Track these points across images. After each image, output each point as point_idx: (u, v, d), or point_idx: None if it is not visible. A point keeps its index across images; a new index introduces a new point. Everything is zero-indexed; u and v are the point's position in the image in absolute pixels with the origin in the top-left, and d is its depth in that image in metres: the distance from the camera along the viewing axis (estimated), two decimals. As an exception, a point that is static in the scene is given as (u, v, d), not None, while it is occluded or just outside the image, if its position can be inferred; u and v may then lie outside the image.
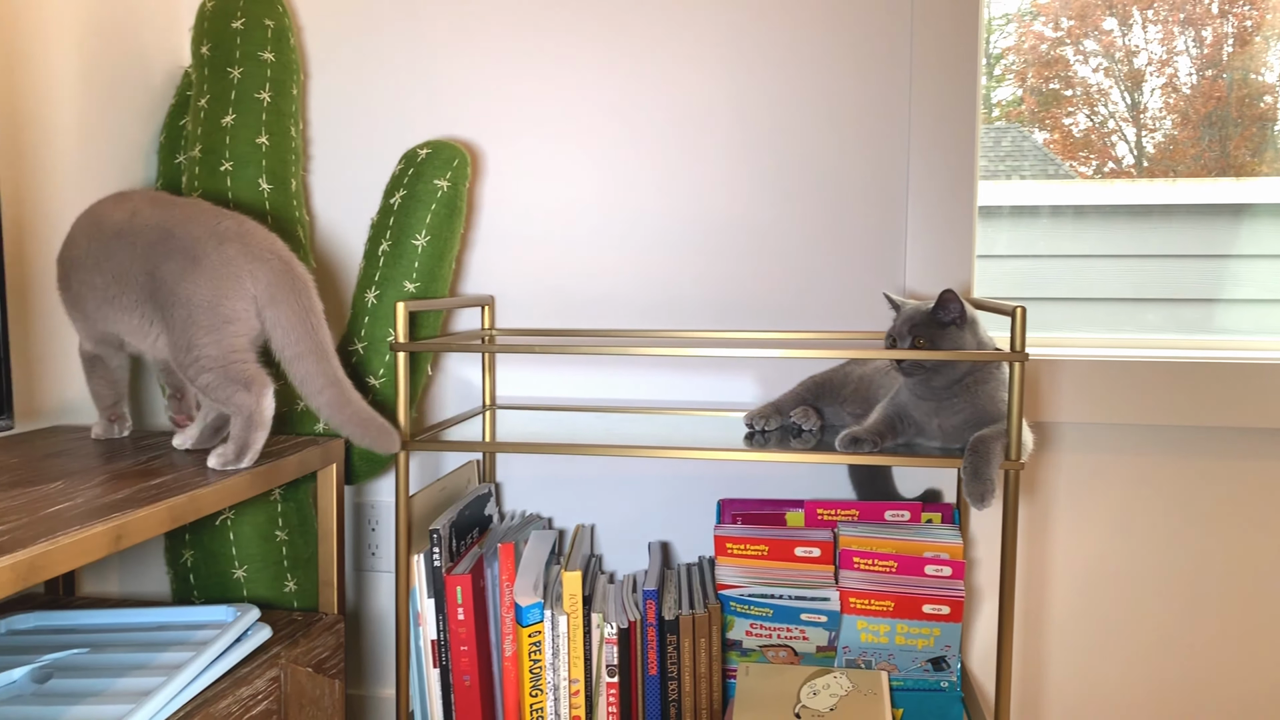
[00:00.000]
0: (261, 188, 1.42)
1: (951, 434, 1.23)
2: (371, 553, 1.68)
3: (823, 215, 1.53)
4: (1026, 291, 1.84)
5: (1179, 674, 1.52)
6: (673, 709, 1.31)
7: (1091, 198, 1.88)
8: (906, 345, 1.21)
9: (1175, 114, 1.80)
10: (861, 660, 1.34)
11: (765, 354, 1.17)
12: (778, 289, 1.55)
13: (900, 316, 1.25)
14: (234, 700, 1.02)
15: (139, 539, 0.91)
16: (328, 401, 1.15)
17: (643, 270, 1.58)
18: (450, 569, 1.31)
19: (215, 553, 1.37)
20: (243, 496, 1.09)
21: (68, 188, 1.41)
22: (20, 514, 0.90)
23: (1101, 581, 1.52)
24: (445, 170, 1.40)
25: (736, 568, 1.38)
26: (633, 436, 1.32)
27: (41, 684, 0.99)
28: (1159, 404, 1.46)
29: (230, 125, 1.41)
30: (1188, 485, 1.49)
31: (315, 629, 1.22)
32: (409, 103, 1.62)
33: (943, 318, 1.21)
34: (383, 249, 1.39)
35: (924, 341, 1.20)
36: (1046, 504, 1.53)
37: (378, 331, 1.38)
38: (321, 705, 1.21)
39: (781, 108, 1.53)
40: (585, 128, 1.58)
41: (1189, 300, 1.79)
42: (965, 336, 1.21)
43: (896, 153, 1.51)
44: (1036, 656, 1.55)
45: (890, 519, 1.42)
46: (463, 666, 1.32)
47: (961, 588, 1.31)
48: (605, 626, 1.31)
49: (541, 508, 1.64)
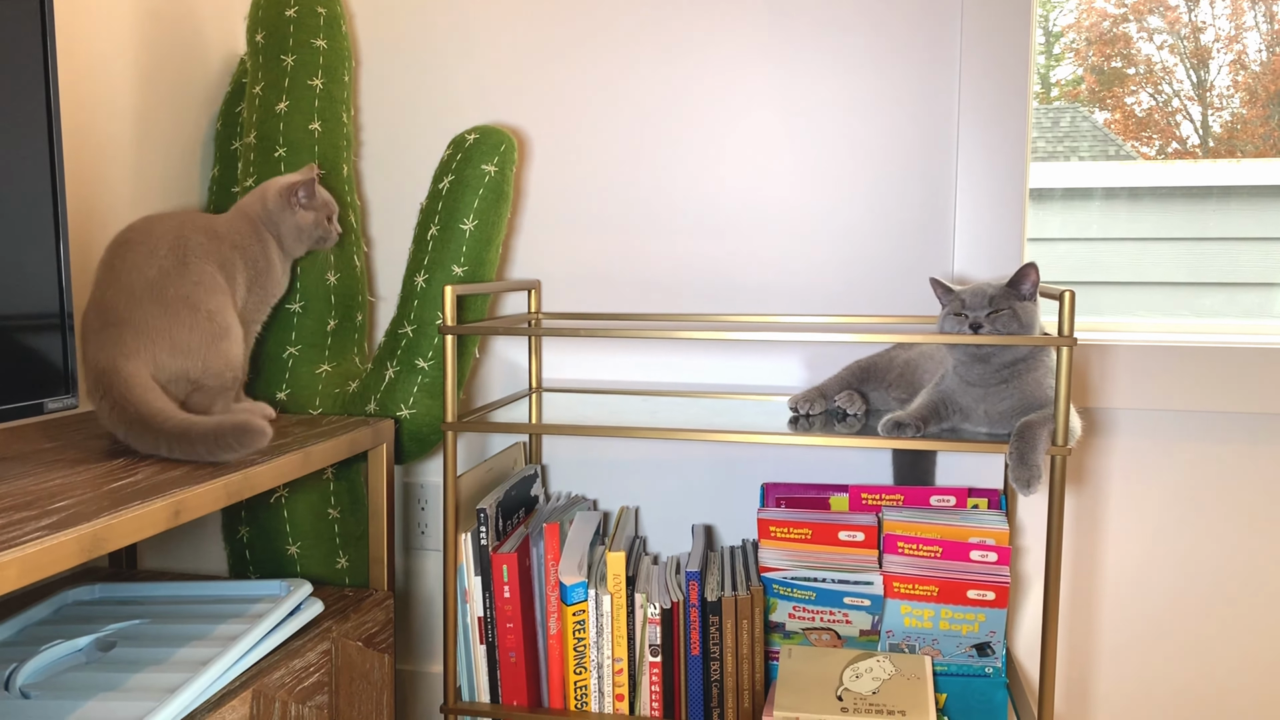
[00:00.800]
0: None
1: (998, 420, 1.22)
2: (421, 531, 1.71)
3: (869, 198, 1.52)
4: (1080, 276, 1.81)
5: (1232, 669, 1.49)
6: (715, 689, 1.32)
7: (1148, 179, 1.84)
8: (984, 315, 1.19)
9: (1243, 92, 1.76)
10: (905, 645, 1.34)
11: (809, 338, 1.17)
12: (823, 272, 1.55)
13: (971, 290, 1.22)
14: (287, 671, 1.05)
15: (196, 514, 0.94)
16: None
17: (688, 254, 1.58)
18: (497, 548, 1.33)
19: (270, 530, 1.41)
20: (296, 475, 1.12)
21: (127, 174, 1.45)
22: (84, 489, 0.93)
23: (1153, 571, 1.50)
24: (493, 155, 1.41)
25: (780, 551, 1.38)
26: (677, 420, 1.33)
27: (105, 652, 1.03)
28: (1216, 390, 1.44)
29: (284, 112, 1.44)
30: (1245, 474, 1.46)
31: (366, 604, 1.25)
32: (457, 89, 1.64)
33: (1025, 291, 1.20)
34: (431, 233, 1.41)
35: (1004, 311, 1.19)
36: (1097, 491, 1.51)
37: (426, 315, 1.40)
38: (371, 679, 1.25)
39: (826, 88, 1.52)
40: (630, 113, 1.58)
41: (1249, 285, 1.75)
42: (1035, 314, 1.20)
43: (946, 133, 1.49)
44: (1084, 645, 1.53)
45: (935, 504, 1.41)
46: (508, 643, 1.34)
47: (1007, 574, 1.30)
48: (648, 606, 1.32)
49: (587, 489, 1.66)
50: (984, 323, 1.18)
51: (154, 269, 1.14)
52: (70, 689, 0.94)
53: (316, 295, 1.44)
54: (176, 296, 1.13)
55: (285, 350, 1.43)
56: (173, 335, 1.12)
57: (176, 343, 1.13)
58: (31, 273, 0.99)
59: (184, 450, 1.04)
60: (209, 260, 1.19)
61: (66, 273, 1.02)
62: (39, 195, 1.00)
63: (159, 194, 1.51)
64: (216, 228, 1.24)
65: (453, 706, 1.34)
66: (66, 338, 1.03)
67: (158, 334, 1.11)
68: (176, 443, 1.04)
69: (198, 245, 1.19)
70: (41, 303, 1.00)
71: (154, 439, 1.05)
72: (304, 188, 1.30)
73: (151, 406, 1.06)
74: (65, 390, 1.02)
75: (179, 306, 1.13)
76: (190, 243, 1.18)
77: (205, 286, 1.17)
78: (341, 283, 1.47)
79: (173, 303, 1.13)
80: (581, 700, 1.35)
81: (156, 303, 1.12)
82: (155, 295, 1.13)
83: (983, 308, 1.19)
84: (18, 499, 0.89)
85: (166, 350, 1.12)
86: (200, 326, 1.14)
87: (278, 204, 1.29)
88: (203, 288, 1.16)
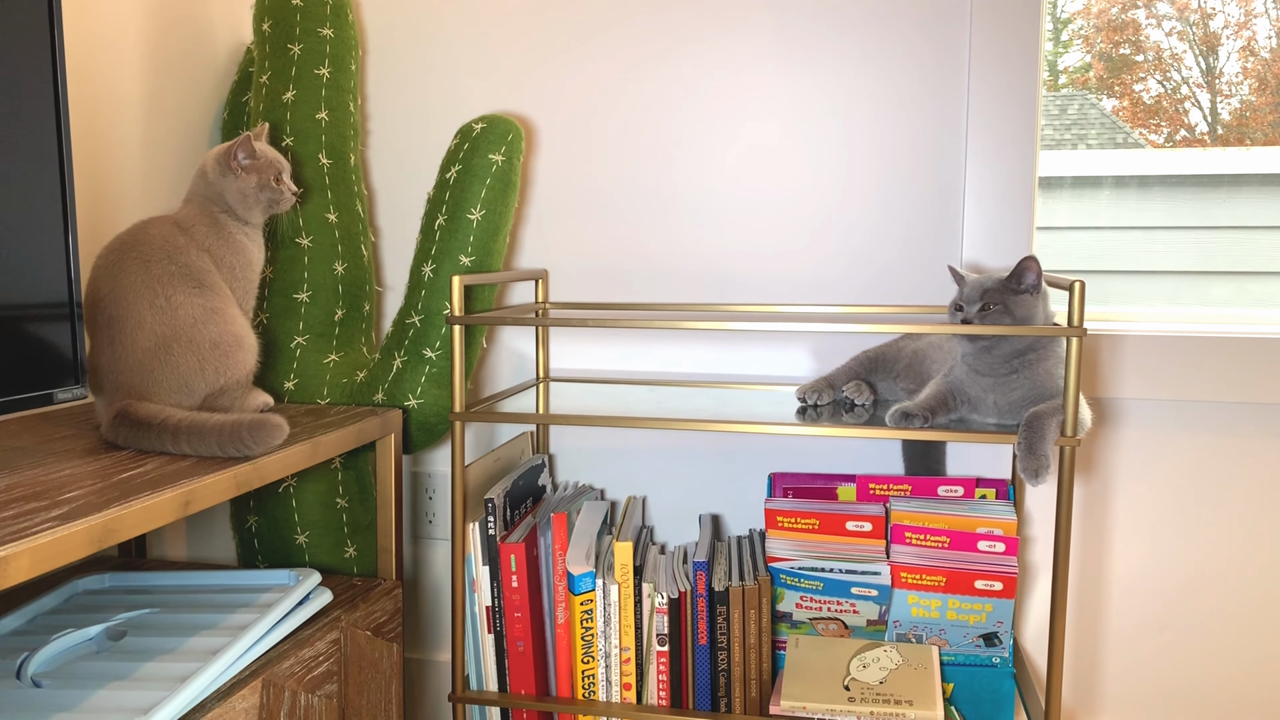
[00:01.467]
0: (321, 162, 1.44)
1: (1007, 410, 1.22)
2: (429, 521, 1.71)
3: (877, 187, 1.52)
4: (1089, 265, 1.80)
5: (1240, 659, 1.49)
6: (722, 678, 1.33)
7: (1157, 167, 1.83)
8: (976, 309, 1.19)
9: (1253, 79, 1.74)
10: (912, 635, 1.34)
11: (817, 328, 1.17)
12: (831, 262, 1.54)
13: (969, 284, 1.23)
14: (296, 661, 1.06)
15: (206, 504, 0.95)
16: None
17: (695, 244, 1.58)
18: (504, 537, 1.34)
19: (279, 519, 1.42)
20: (304, 465, 1.12)
21: (135, 164, 1.45)
22: (94, 479, 0.94)
23: (1162, 561, 1.50)
24: (500, 145, 1.41)
25: (787, 541, 1.38)
26: (685, 410, 1.33)
27: (116, 641, 1.03)
28: (1225, 380, 1.43)
29: (290, 101, 1.44)
30: (1254, 464, 1.46)
31: (374, 594, 1.25)
32: (465, 78, 1.64)
33: (1016, 286, 1.19)
34: (439, 223, 1.41)
35: (995, 306, 1.19)
36: (1106, 481, 1.50)
37: (434, 305, 1.40)
38: (380, 667, 1.25)
39: (835, 77, 1.51)
40: (639, 102, 1.58)
41: (1259, 274, 1.74)
42: (1037, 307, 1.19)
43: (955, 122, 1.48)
44: (1092, 635, 1.53)
45: (944, 494, 1.41)
46: (516, 633, 1.34)
47: (1015, 564, 1.30)
48: (656, 596, 1.32)
49: (594, 479, 1.66)
50: (974, 319, 1.19)
51: (146, 327, 1.12)
52: (81, 678, 0.94)
53: (324, 285, 1.44)
54: (178, 345, 1.13)
55: (293, 340, 1.43)
56: (186, 383, 1.14)
57: (192, 386, 1.14)
58: (40, 263, 0.99)
59: (195, 446, 1.05)
60: (186, 283, 1.16)
61: (75, 263, 1.02)
62: (47, 186, 1.00)
63: (167, 184, 1.51)
64: (179, 234, 1.20)
65: (460, 695, 1.35)
66: (75, 328, 1.03)
67: (169, 387, 1.13)
68: (187, 439, 1.05)
69: (168, 274, 1.15)
70: (50, 293, 1.00)
71: (164, 437, 1.06)
72: (241, 148, 1.24)
73: (159, 412, 1.08)
74: (74, 380, 1.02)
75: (183, 354, 1.13)
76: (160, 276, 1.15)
77: (198, 318, 1.15)
78: (349, 272, 1.47)
79: (175, 354, 1.13)
80: (589, 690, 1.35)
81: (161, 365, 1.12)
82: (158, 354, 1.12)
83: (974, 303, 1.20)
84: (28, 489, 0.90)
85: (182, 393, 1.14)
86: (208, 359, 1.15)
87: (217, 172, 1.24)
88: (198, 322, 1.15)
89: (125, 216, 1.43)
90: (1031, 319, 1.19)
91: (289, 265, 1.43)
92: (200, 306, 1.16)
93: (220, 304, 1.18)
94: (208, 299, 1.17)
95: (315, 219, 1.43)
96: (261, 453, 1.06)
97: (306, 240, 1.43)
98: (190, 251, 1.19)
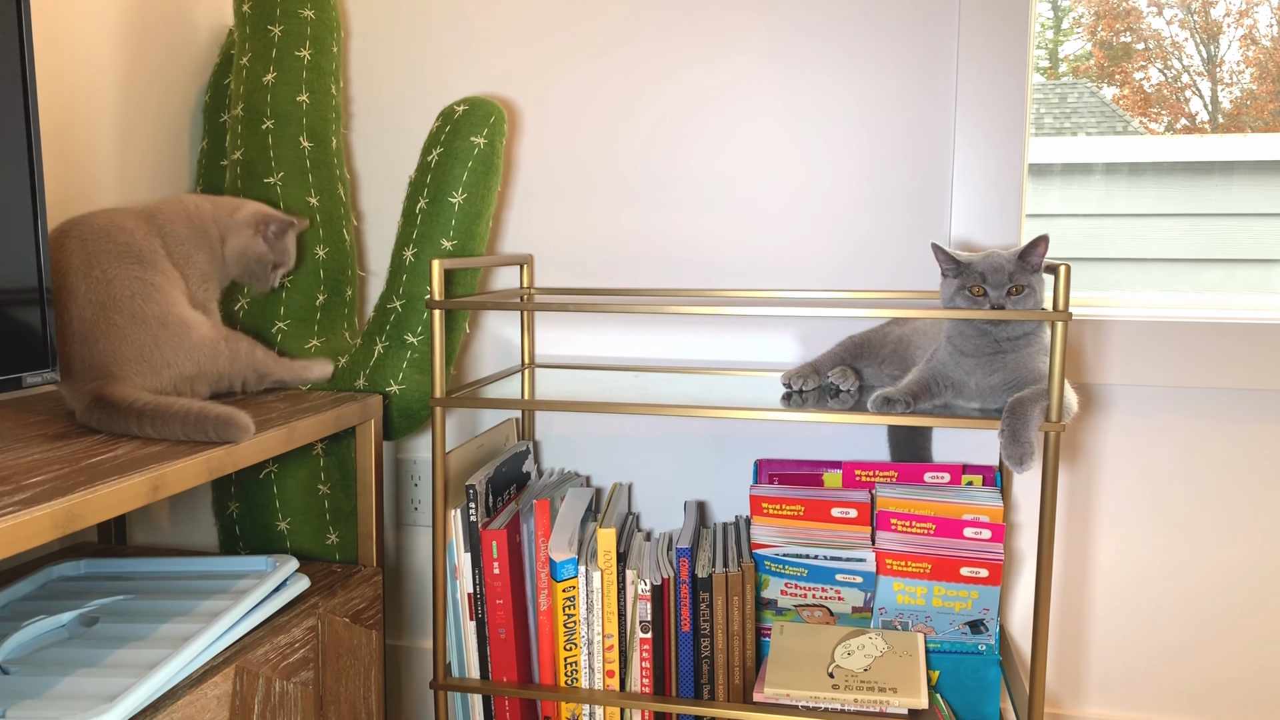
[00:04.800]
0: (302, 145, 1.43)
1: (989, 394, 1.21)
2: (414, 508, 1.70)
3: (864, 173, 1.50)
4: (1079, 252, 1.79)
5: (1225, 647, 1.48)
6: (705, 665, 1.32)
7: (1149, 154, 1.82)
8: (1004, 292, 1.16)
9: (1254, 67, 1.73)
10: (898, 622, 1.33)
11: (802, 312, 1.15)
12: (817, 247, 1.53)
13: (986, 263, 1.18)
14: (271, 648, 1.04)
15: (176, 489, 0.93)
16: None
17: (681, 229, 1.57)
18: (486, 524, 1.32)
19: (260, 505, 1.41)
20: (280, 450, 1.11)
21: (113, 148, 1.43)
22: (61, 464, 0.92)
23: (1148, 548, 1.49)
24: (482, 127, 1.39)
25: (772, 527, 1.37)
26: (671, 396, 1.31)
27: (88, 627, 1.02)
28: (1214, 366, 1.42)
29: (271, 83, 1.42)
30: (1242, 451, 1.45)
31: (353, 580, 1.24)
32: (447, 60, 1.62)
33: (1036, 262, 1.18)
34: (420, 206, 1.39)
35: (1024, 288, 1.16)
36: (1092, 467, 1.49)
37: (415, 289, 1.39)
38: (359, 654, 1.24)
39: (823, 59, 1.49)
40: (623, 84, 1.56)
41: (1249, 261, 1.73)
42: (1042, 286, 1.19)
43: (943, 106, 1.47)
44: (1078, 623, 1.52)
45: (930, 481, 1.40)
46: (498, 620, 1.33)
47: (1001, 551, 1.29)
48: (639, 583, 1.31)
49: (579, 466, 1.65)
50: (1005, 303, 1.16)
51: (90, 307, 1.12)
52: (50, 665, 0.93)
53: (305, 270, 1.42)
54: (119, 317, 1.12)
55: (274, 325, 1.41)
56: (147, 359, 1.13)
57: (154, 364, 1.13)
58: (8, 247, 0.97)
59: (160, 430, 1.04)
60: (123, 259, 1.15)
61: (44, 246, 1.01)
62: (14, 166, 0.98)
63: (148, 168, 1.49)
64: (137, 221, 1.20)
65: (442, 682, 1.34)
66: (45, 312, 1.01)
67: (127, 359, 1.11)
68: (151, 422, 1.04)
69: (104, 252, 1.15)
70: (20, 277, 0.98)
71: (131, 420, 1.04)
72: (280, 223, 1.30)
73: (130, 395, 1.06)
74: (45, 364, 1.01)
75: (129, 327, 1.12)
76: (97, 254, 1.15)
77: (136, 291, 1.14)
78: (330, 257, 1.45)
79: (120, 326, 1.12)
80: (572, 676, 1.34)
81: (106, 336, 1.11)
82: (100, 325, 1.11)
83: (1002, 286, 1.16)
84: (-6, 473, 0.88)
85: (148, 372, 1.12)
86: (162, 339, 1.13)
87: (246, 218, 1.29)
88: (136, 296, 1.14)
89: (101, 198, 1.41)
90: (1042, 300, 1.18)
91: (269, 249, 1.41)
92: (137, 279, 1.14)
93: (162, 282, 1.16)
94: (147, 274, 1.15)
95: (297, 203, 1.42)
96: (224, 443, 1.04)
97: (287, 224, 1.41)
98: (137, 234, 1.18)
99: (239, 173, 1.43)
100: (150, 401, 1.05)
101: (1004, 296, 1.16)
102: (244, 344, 1.24)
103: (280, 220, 1.30)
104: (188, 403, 1.05)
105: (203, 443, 1.03)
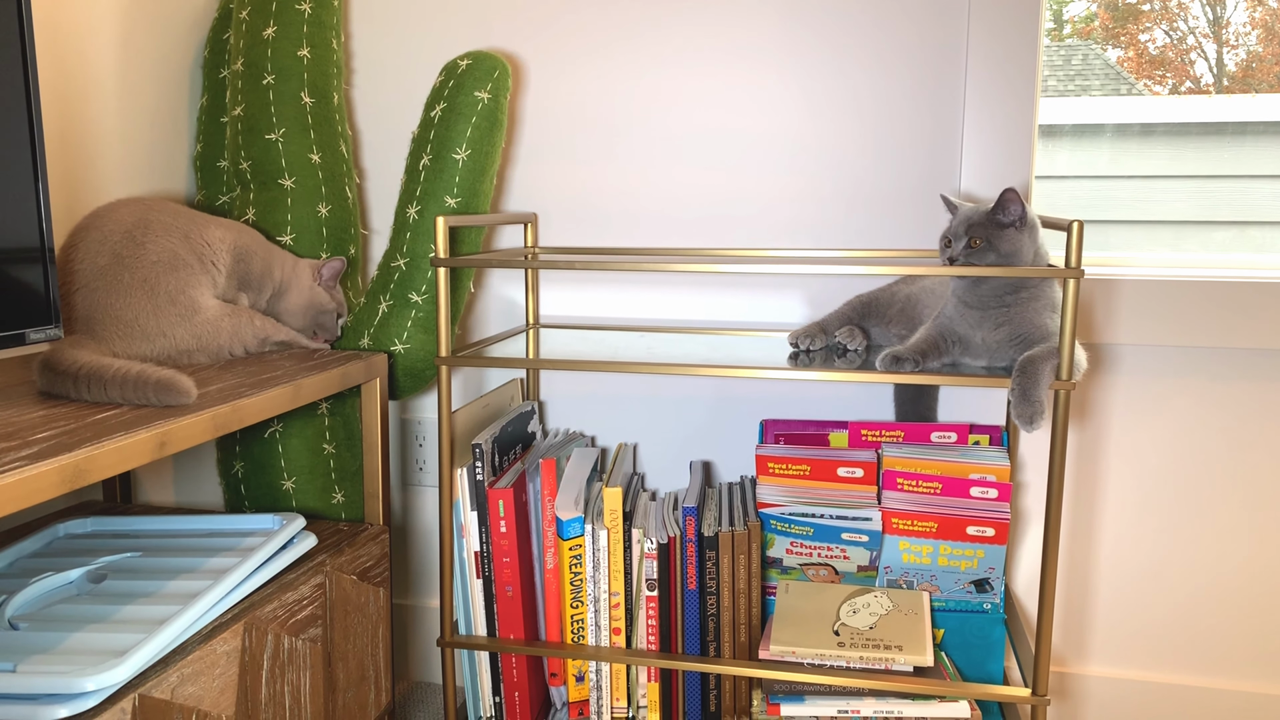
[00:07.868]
0: (304, 101, 1.41)
1: (995, 350, 1.20)
2: (419, 468, 1.70)
3: (874, 132, 1.48)
4: (1089, 213, 1.77)
5: (1229, 605, 1.49)
6: (711, 623, 1.32)
7: (1160, 115, 1.79)
8: (963, 245, 1.17)
9: (1260, 29, 1.70)
10: (903, 580, 1.33)
11: (810, 270, 1.14)
12: (826, 206, 1.51)
13: (957, 217, 1.20)
14: (280, 605, 1.05)
15: (182, 446, 0.93)
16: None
17: (689, 187, 1.55)
18: (493, 483, 1.32)
19: (265, 464, 1.40)
20: (286, 408, 1.10)
21: (112, 104, 1.41)
22: (69, 420, 0.92)
23: (1154, 507, 1.49)
24: (486, 82, 1.37)
25: (778, 487, 1.37)
26: (676, 355, 1.31)
27: (97, 584, 1.02)
28: (1221, 325, 1.41)
29: (271, 37, 1.40)
30: (1249, 409, 1.44)
31: (360, 539, 1.24)
32: (450, 13, 1.59)
33: (1002, 219, 1.17)
34: (423, 163, 1.38)
35: (980, 242, 1.16)
36: (1100, 426, 1.49)
37: (419, 248, 1.37)
38: (366, 611, 1.24)
39: (832, 16, 1.47)
40: (629, 40, 1.54)
41: (1260, 223, 1.71)
42: (1024, 241, 1.17)
43: (953, 68, 1.45)
44: (1084, 582, 1.53)
45: (936, 440, 1.40)
46: (505, 578, 1.33)
47: (1007, 510, 1.29)
48: (645, 542, 1.31)
49: (585, 426, 1.65)
50: (960, 257, 1.17)
51: (106, 255, 1.11)
52: (59, 620, 0.93)
53: (308, 228, 1.41)
54: (128, 274, 1.11)
55: (277, 283, 1.40)
56: (137, 322, 1.12)
57: (145, 329, 1.12)
58: (10, 204, 0.96)
59: (96, 394, 1.00)
60: (171, 234, 1.16)
61: (46, 202, 0.99)
62: (14, 124, 0.97)
63: (147, 124, 1.48)
64: (189, 213, 1.22)
65: (450, 640, 1.34)
66: (48, 269, 1.00)
67: (113, 318, 1.10)
68: (88, 385, 1.00)
69: (159, 224, 1.15)
70: (22, 235, 0.97)
71: (66, 383, 1.00)
72: (334, 273, 1.37)
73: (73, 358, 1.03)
74: (48, 321, 1.00)
75: (135, 287, 1.11)
76: (152, 222, 1.15)
77: (164, 261, 1.14)
78: (333, 215, 1.44)
79: (125, 282, 1.11)
80: (578, 634, 1.35)
81: (107, 289, 1.10)
82: (106, 274, 1.11)
83: (960, 238, 1.19)
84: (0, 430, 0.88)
85: (135, 335, 1.11)
86: (163, 309, 1.13)
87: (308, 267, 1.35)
88: (160, 264, 1.13)
89: (101, 156, 1.40)
90: (1018, 253, 1.16)
91: (272, 207, 1.40)
92: (172, 253, 1.14)
93: (196, 268, 1.17)
94: (185, 255, 1.15)
95: (298, 160, 1.40)
96: (166, 408, 0.99)
97: (289, 181, 1.40)
98: (193, 228, 1.20)
99: (240, 128, 1.41)
100: (87, 364, 1.00)
101: (961, 251, 1.18)
102: (244, 315, 1.24)
103: (337, 269, 1.36)
104: (126, 364, 1.00)
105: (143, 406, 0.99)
